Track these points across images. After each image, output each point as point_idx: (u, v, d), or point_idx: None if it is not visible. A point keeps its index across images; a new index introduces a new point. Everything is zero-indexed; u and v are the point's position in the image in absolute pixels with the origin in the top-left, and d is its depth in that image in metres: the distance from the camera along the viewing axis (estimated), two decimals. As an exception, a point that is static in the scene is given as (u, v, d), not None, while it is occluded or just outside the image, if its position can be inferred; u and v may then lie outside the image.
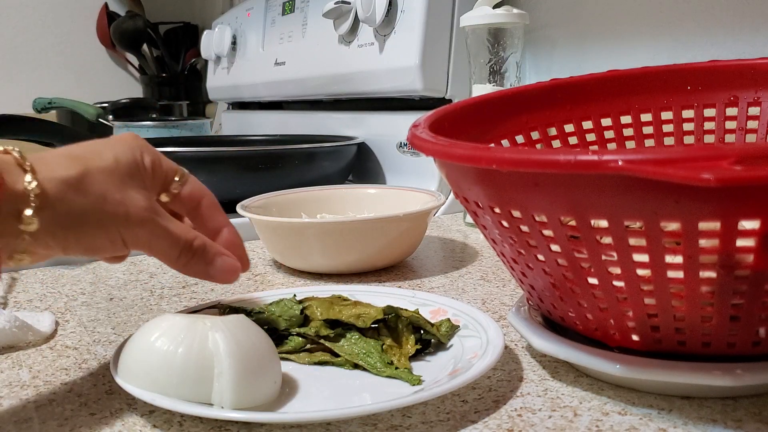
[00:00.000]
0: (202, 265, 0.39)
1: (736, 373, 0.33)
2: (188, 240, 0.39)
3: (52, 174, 0.34)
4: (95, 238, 0.36)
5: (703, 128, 0.51)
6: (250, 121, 1.53)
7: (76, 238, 0.35)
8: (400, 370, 0.39)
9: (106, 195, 0.36)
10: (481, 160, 0.33)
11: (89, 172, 0.36)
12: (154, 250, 0.38)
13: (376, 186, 0.84)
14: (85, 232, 0.35)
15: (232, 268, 0.40)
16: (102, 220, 0.36)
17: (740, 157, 0.26)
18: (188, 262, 0.39)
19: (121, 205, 0.36)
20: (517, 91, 0.52)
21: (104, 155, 0.37)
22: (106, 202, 0.36)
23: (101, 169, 0.36)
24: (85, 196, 0.35)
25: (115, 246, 0.37)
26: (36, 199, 0.33)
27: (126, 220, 0.36)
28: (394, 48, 0.96)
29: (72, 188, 0.35)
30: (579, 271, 0.35)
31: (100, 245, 0.36)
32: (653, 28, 0.78)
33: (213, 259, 0.40)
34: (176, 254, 0.39)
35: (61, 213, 0.34)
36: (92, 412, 0.37)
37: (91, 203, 0.35)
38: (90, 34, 2.01)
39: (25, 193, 0.33)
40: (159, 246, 0.38)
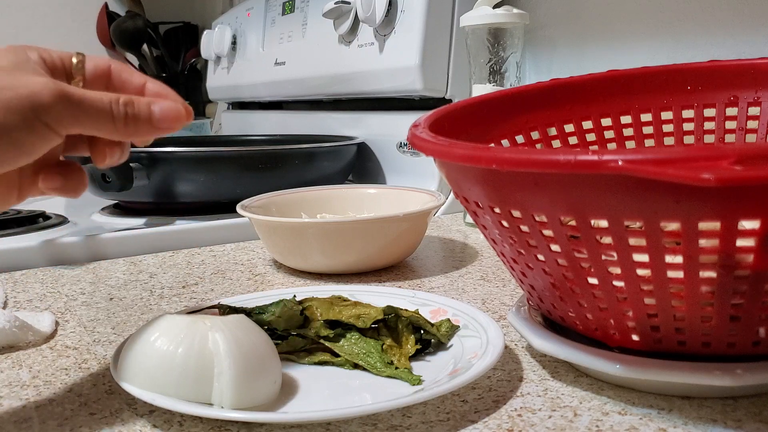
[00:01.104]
0: (143, 117, 0.36)
1: (736, 373, 0.33)
2: (111, 99, 0.35)
3: None
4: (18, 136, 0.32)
5: (703, 128, 0.51)
6: (250, 121, 1.53)
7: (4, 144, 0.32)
8: (400, 370, 0.39)
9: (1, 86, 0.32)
10: (481, 160, 0.33)
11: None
12: (86, 124, 0.34)
13: (376, 186, 0.84)
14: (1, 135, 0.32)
15: (173, 108, 0.37)
16: (8, 111, 0.32)
17: (740, 157, 0.26)
18: (128, 123, 0.35)
19: (21, 88, 0.32)
20: (517, 91, 0.52)
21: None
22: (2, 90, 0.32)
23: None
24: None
25: (43, 137, 0.33)
26: None
27: (34, 101, 0.32)
28: (394, 48, 0.96)
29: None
30: (579, 271, 0.35)
31: (26, 141, 0.33)
32: (653, 28, 0.78)
33: (149, 108, 0.36)
34: (111, 119, 0.35)
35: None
36: (92, 412, 0.37)
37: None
38: (90, 34, 2.01)
39: None
40: (88, 116, 0.34)
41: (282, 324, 0.43)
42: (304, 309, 0.43)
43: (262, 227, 0.65)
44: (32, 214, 0.84)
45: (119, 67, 0.40)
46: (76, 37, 2.01)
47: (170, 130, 0.37)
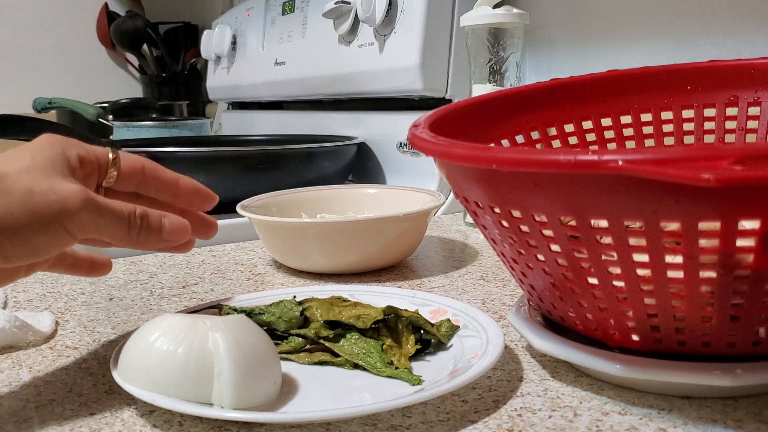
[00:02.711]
0: (154, 231, 0.38)
1: (736, 373, 0.33)
2: (131, 211, 0.37)
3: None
4: (35, 238, 0.34)
5: (703, 128, 0.51)
6: (250, 121, 1.53)
7: (12, 243, 0.34)
8: (400, 370, 0.39)
9: (33, 188, 0.34)
10: (481, 160, 0.33)
11: (7, 174, 0.34)
12: (103, 232, 0.36)
13: (376, 186, 0.84)
14: (20, 236, 0.34)
15: (180, 224, 0.39)
16: (35, 216, 0.34)
17: (740, 157, 0.26)
18: (140, 234, 0.38)
19: (51, 194, 0.34)
20: (517, 91, 0.52)
21: (20, 158, 0.36)
22: (33, 194, 0.34)
23: (19, 169, 0.35)
24: (7, 196, 0.33)
25: (59, 239, 0.35)
26: None
27: (63, 208, 0.34)
28: (394, 48, 0.96)
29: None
30: (579, 271, 0.35)
31: (41, 244, 0.34)
32: (653, 28, 0.78)
33: (160, 221, 0.38)
34: (126, 229, 0.37)
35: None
36: (92, 412, 0.37)
37: (17, 201, 0.33)
38: (90, 34, 2.01)
39: None
40: (107, 227, 0.36)
41: (282, 324, 0.43)
42: (303, 310, 0.43)
43: (262, 227, 0.65)
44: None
45: (152, 165, 0.42)
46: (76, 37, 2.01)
47: (177, 242, 0.39)
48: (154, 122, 1.55)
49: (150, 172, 0.42)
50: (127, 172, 0.41)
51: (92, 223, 0.35)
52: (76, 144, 0.39)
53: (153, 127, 1.53)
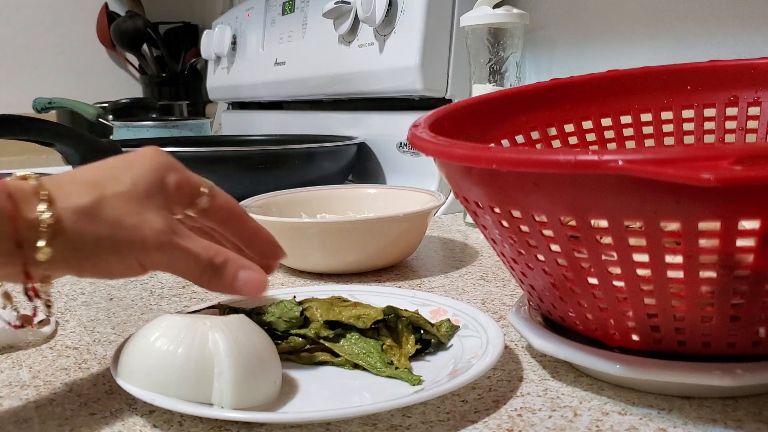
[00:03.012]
0: (227, 281, 0.39)
1: (736, 373, 0.33)
2: (209, 258, 0.38)
3: (67, 203, 0.34)
4: (110, 264, 0.36)
5: (703, 128, 0.51)
6: (250, 121, 1.53)
7: (91, 265, 0.35)
8: (400, 370, 0.39)
9: (122, 221, 0.35)
10: (481, 160, 0.33)
11: (104, 199, 0.35)
12: (176, 271, 0.38)
13: (376, 186, 0.84)
14: (99, 259, 0.35)
15: (256, 281, 0.39)
16: (117, 247, 0.35)
17: (740, 157, 0.26)
18: (211, 279, 0.38)
19: (136, 231, 0.36)
20: (517, 91, 0.52)
21: (122, 178, 0.37)
22: (121, 228, 0.35)
23: (117, 194, 0.36)
24: (99, 223, 0.35)
25: (132, 270, 0.37)
26: (48, 230, 0.33)
27: (142, 246, 0.36)
28: (394, 48, 0.96)
29: (86, 216, 0.35)
30: (579, 271, 0.35)
31: (115, 270, 0.36)
32: (653, 28, 0.78)
33: (236, 274, 0.39)
34: (198, 273, 0.38)
35: (75, 242, 0.34)
36: (92, 412, 0.37)
37: (106, 231, 0.35)
38: (90, 34, 2.01)
39: (37, 223, 0.33)
40: (180, 266, 0.38)
41: (282, 325, 0.43)
42: (303, 310, 0.43)
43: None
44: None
45: (241, 211, 0.43)
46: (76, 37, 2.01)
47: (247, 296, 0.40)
48: (154, 122, 1.55)
49: (237, 216, 0.43)
50: (214, 212, 0.42)
51: (165, 263, 0.37)
52: (178, 168, 0.39)
53: (153, 127, 1.53)
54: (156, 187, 0.38)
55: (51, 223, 0.33)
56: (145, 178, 0.37)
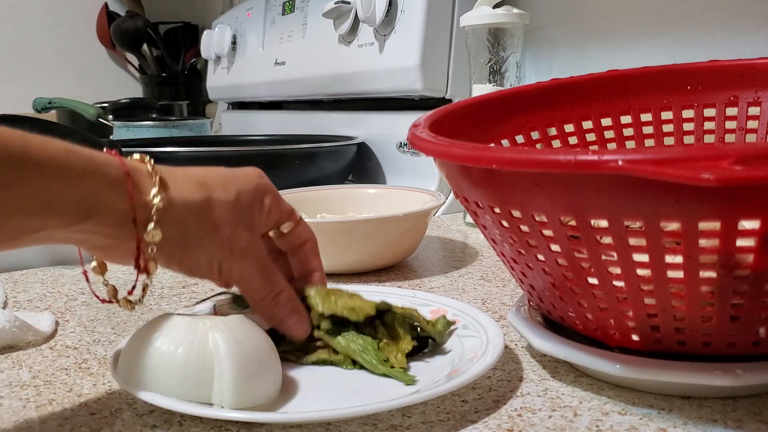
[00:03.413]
0: (279, 316, 0.41)
1: (736, 373, 0.33)
2: (275, 289, 0.41)
3: (179, 194, 0.37)
4: (198, 261, 0.38)
5: (703, 128, 0.51)
6: (250, 121, 1.53)
7: (182, 256, 0.38)
8: (395, 369, 0.39)
9: (221, 226, 0.38)
10: (481, 160, 0.33)
11: (212, 201, 0.38)
12: (245, 286, 0.41)
13: (376, 186, 0.84)
14: (190, 253, 0.38)
15: (301, 330, 0.42)
16: (209, 247, 0.38)
17: (740, 157, 0.26)
18: (267, 307, 0.41)
19: (228, 239, 0.39)
20: (517, 91, 0.52)
21: (229, 188, 0.40)
22: (218, 231, 0.38)
23: (223, 201, 0.39)
24: (202, 221, 0.38)
25: (212, 273, 0.39)
26: (157, 213, 0.35)
27: (228, 254, 0.39)
28: (394, 48, 0.96)
29: (193, 212, 0.37)
30: (579, 271, 0.35)
31: (198, 268, 0.39)
32: (653, 28, 0.78)
33: (290, 315, 0.42)
34: (261, 296, 0.41)
35: (177, 231, 0.37)
36: (92, 412, 0.37)
37: (205, 229, 0.38)
38: (90, 34, 2.01)
39: (150, 205, 0.35)
40: (248, 285, 0.40)
41: None
42: (304, 297, 0.44)
43: (262, 227, 0.65)
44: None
45: (312, 246, 0.46)
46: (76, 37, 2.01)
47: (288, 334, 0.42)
48: (154, 122, 1.55)
49: (306, 252, 0.46)
50: (292, 239, 0.45)
51: (239, 275, 0.40)
52: (275, 194, 0.43)
53: (153, 127, 1.53)
54: (253, 206, 0.41)
55: (160, 208, 0.35)
56: (248, 195, 0.41)
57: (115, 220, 0.34)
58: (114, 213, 0.34)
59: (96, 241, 0.35)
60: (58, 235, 0.33)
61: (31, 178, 0.31)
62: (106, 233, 0.34)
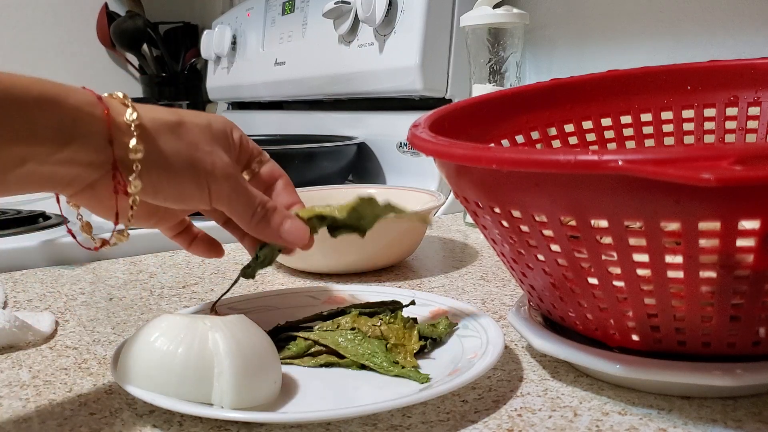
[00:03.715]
0: (274, 225, 0.41)
1: (736, 373, 0.33)
2: (263, 200, 0.41)
3: (152, 114, 0.38)
4: (184, 182, 0.38)
5: (703, 128, 0.51)
6: (250, 121, 1.53)
7: (168, 179, 0.38)
8: (407, 369, 0.39)
9: (198, 144, 0.39)
10: (481, 160, 0.33)
11: (185, 122, 0.39)
12: (232, 207, 0.40)
13: (376, 186, 0.84)
14: (176, 174, 0.38)
15: (301, 230, 0.42)
16: (193, 166, 0.38)
17: (740, 157, 0.26)
18: (260, 222, 0.41)
19: (209, 156, 0.39)
20: (517, 91, 0.52)
21: (199, 116, 0.41)
22: (197, 149, 0.39)
23: (196, 124, 0.40)
24: (179, 139, 0.38)
25: (202, 195, 0.39)
26: (137, 129, 0.36)
27: (213, 172, 0.39)
28: (394, 48, 0.96)
29: (169, 130, 0.38)
30: (579, 271, 0.35)
31: (189, 192, 0.39)
32: (653, 28, 0.78)
33: (283, 220, 0.42)
34: (251, 213, 0.41)
35: (158, 149, 0.37)
36: (92, 412, 0.37)
37: (184, 147, 0.38)
38: (90, 34, 2.01)
39: (127, 124, 0.36)
40: (237, 203, 0.40)
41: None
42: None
43: (262, 227, 0.65)
44: (32, 214, 0.84)
45: (286, 182, 0.46)
46: (76, 37, 2.01)
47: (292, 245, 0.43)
48: (154, 122, 1.54)
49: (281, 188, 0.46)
50: (264, 178, 0.45)
51: (226, 196, 0.40)
52: (241, 131, 0.44)
53: (153, 127, 1.52)
54: (225, 135, 0.41)
55: (138, 124, 0.36)
56: (218, 124, 0.41)
57: (94, 142, 0.35)
58: (92, 135, 0.35)
59: (78, 174, 0.35)
60: (44, 170, 0.34)
61: (11, 109, 0.32)
62: (88, 162, 0.35)
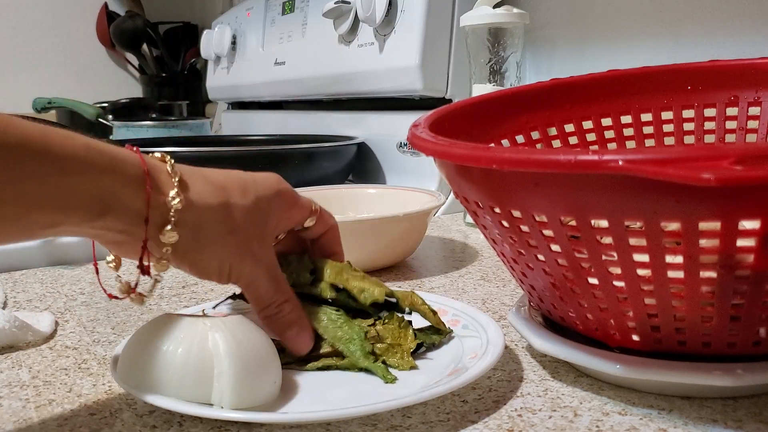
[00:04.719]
0: (281, 325, 0.41)
1: (736, 373, 0.33)
2: (282, 298, 0.41)
3: (198, 197, 0.37)
4: (209, 263, 0.38)
5: (703, 128, 0.51)
6: (250, 121, 1.53)
7: (194, 257, 0.37)
8: (377, 364, 0.39)
9: (235, 231, 0.38)
10: (481, 160, 0.33)
11: (230, 206, 0.38)
12: (251, 291, 0.40)
13: (376, 186, 0.84)
14: (203, 256, 0.37)
15: (303, 343, 0.41)
16: (221, 251, 0.38)
17: (740, 157, 0.26)
18: (271, 315, 0.41)
19: (242, 244, 0.38)
20: (517, 91, 0.52)
21: (248, 193, 0.39)
22: (232, 236, 0.38)
23: (240, 206, 0.39)
24: (218, 225, 0.37)
25: (222, 275, 0.39)
26: (175, 215, 0.35)
27: (240, 259, 0.38)
28: (394, 48, 0.96)
29: (211, 216, 0.37)
30: (579, 271, 0.35)
31: (209, 270, 0.38)
32: (653, 28, 0.78)
33: (292, 325, 0.41)
34: (266, 304, 0.40)
35: (193, 234, 0.36)
36: (92, 412, 0.37)
37: (220, 234, 0.38)
38: (90, 34, 2.01)
39: (167, 206, 0.35)
40: (256, 291, 0.40)
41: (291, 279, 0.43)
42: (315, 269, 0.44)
43: (262, 227, 0.65)
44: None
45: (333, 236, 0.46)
46: (76, 37, 2.01)
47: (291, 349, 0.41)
48: (153, 122, 1.55)
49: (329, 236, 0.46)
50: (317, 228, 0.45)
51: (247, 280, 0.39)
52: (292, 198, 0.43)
53: (153, 127, 1.52)
54: (272, 213, 0.41)
55: (179, 209, 0.35)
56: (266, 201, 0.40)
57: (130, 218, 0.34)
58: (130, 211, 0.34)
59: (110, 237, 0.35)
60: (73, 230, 0.33)
61: (51, 174, 0.30)
62: (121, 230, 0.34)
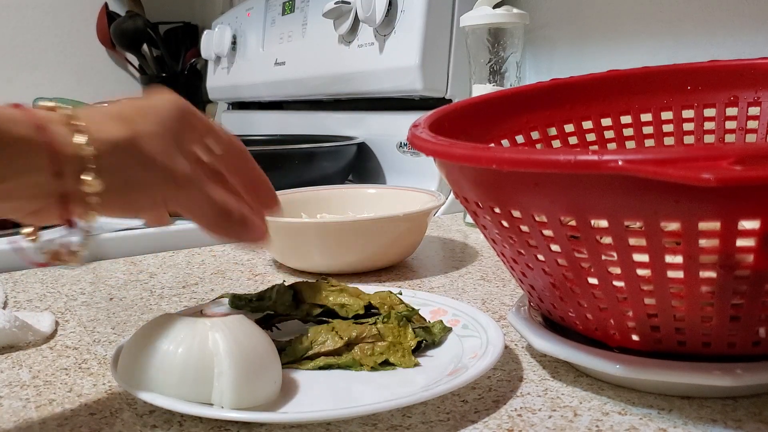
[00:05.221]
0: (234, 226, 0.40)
1: (736, 373, 0.33)
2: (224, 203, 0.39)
3: (103, 135, 0.34)
4: (139, 200, 0.36)
5: (703, 128, 0.51)
6: (250, 121, 1.53)
7: (123, 200, 0.36)
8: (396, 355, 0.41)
9: (154, 158, 0.36)
10: (481, 160, 0.33)
11: (138, 135, 0.36)
12: (193, 213, 0.39)
13: (376, 186, 0.84)
14: (130, 196, 0.36)
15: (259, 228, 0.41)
16: (147, 183, 0.36)
17: (740, 157, 0.26)
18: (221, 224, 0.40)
19: (165, 170, 0.37)
20: (517, 91, 0.52)
21: (149, 118, 0.37)
22: (153, 165, 0.36)
23: (149, 133, 0.36)
24: (133, 158, 0.35)
25: (156, 207, 0.38)
26: (93, 161, 0.33)
27: (172, 185, 0.37)
28: (394, 48, 0.96)
29: (122, 151, 0.35)
30: (579, 271, 0.35)
31: (142, 207, 0.37)
32: (653, 28, 0.78)
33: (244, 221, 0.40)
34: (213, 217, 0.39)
35: (112, 175, 0.34)
36: (92, 412, 0.37)
37: (139, 166, 0.35)
38: (90, 34, 2.01)
39: (78, 155, 0.33)
40: (199, 211, 0.39)
41: (279, 308, 0.45)
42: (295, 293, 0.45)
43: (262, 227, 0.65)
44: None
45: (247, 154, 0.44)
46: (76, 37, 2.00)
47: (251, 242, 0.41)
48: (154, 122, 1.54)
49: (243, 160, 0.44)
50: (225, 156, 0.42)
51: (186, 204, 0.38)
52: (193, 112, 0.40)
53: (153, 127, 1.52)
54: (182, 129, 0.39)
55: (95, 155, 0.33)
56: (171, 120, 0.38)
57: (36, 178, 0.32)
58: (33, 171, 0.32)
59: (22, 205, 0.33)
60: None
61: None
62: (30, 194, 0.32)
